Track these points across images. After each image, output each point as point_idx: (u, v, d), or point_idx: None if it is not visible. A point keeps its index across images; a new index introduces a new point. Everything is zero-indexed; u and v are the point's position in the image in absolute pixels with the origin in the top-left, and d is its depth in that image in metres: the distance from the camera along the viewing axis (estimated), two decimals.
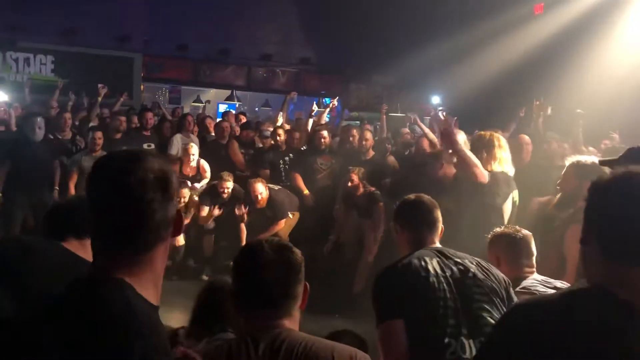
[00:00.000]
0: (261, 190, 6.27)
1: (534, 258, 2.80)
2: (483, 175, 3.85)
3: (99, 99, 7.83)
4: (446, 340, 2.23)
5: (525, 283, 2.64)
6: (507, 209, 3.93)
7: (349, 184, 6.11)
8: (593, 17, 7.71)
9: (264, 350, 1.62)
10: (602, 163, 2.62)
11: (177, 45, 12.26)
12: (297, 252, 1.77)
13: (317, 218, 6.71)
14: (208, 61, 13.12)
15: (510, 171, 4.14)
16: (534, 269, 2.78)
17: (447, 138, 3.97)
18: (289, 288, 1.71)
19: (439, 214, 2.57)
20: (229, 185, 6.49)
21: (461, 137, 5.50)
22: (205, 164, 7.07)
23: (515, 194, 4.02)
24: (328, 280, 6.24)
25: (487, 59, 8.76)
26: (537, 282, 2.64)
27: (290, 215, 6.60)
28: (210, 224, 6.75)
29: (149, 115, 7.70)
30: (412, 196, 2.65)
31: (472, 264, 2.41)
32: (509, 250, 2.76)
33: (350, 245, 6.46)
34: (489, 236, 2.89)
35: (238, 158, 7.34)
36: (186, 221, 6.61)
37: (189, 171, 7.00)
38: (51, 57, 11.57)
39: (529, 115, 6.94)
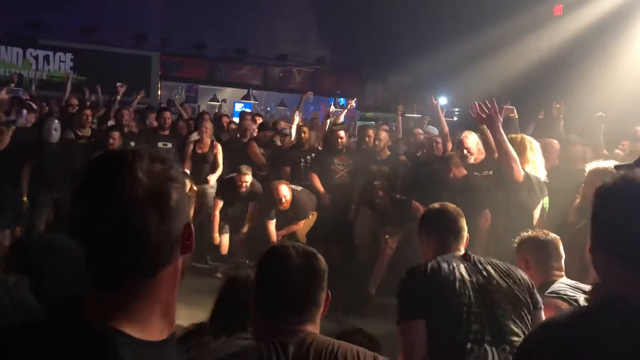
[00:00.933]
0: (285, 192, 6.24)
1: (562, 261, 2.79)
2: (519, 172, 3.75)
3: (118, 97, 7.89)
4: (469, 345, 2.23)
5: (554, 287, 2.62)
6: (536, 215, 3.89)
7: (377, 200, 6.14)
8: (613, 18, 7.62)
9: (294, 354, 1.63)
10: (618, 168, 2.57)
11: (194, 44, 12.36)
12: (322, 259, 1.78)
13: (333, 218, 6.71)
14: (225, 60, 13.20)
15: (543, 175, 4.09)
16: (563, 272, 2.76)
17: (491, 123, 3.80)
18: (314, 294, 1.73)
19: (464, 223, 2.59)
20: (248, 179, 6.43)
21: (473, 138, 5.51)
22: (219, 146, 7.14)
23: (545, 201, 3.98)
24: (343, 280, 6.26)
25: (505, 60, 8.69)
26: (566, 286, 2.62)
27: (310, 216, 6.62)
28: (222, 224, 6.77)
29: (167, 114, 7.72)
30: (436, 205, 2.68)
31: (495, 271, 2.42)
32: (537, 253, 2.76)
33: (366, 247, 6.47)
34: (517, 240, 2.88)
35: (260, 160, 7.31)
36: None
37: (203, 147, 7.06)
38: (70, 55, 11.72)
39: (548, 118, 6.87)
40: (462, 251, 2.54)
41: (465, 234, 2.58)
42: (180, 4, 10.90)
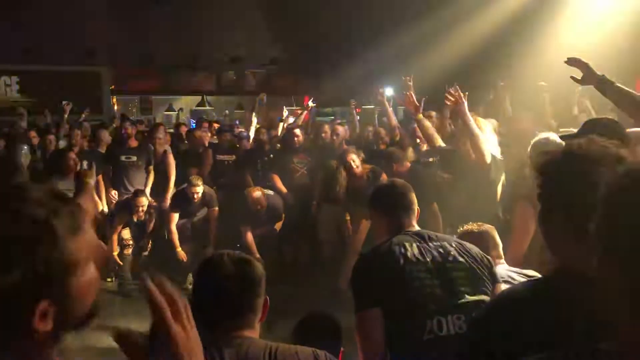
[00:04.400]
0: (260, 200, 6.25)
1: (500, 248, 2.86)
2: (489, 154, 3.91)
3: (65, 116, 7.74)
4: (423, 321, 2.23)
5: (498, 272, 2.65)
6: (499, 191, 4.04)
7: (354, 169, 5.73)
8: None
9: (231, 358, 1.65)
10: (562, 138, 2.64)
11: (143, 55, 12.19)
12: (258, 266, 1.79)
13: (298, 216, 6.71)
14: (176, 69, 13.06)
15: (498, 154, 4.24)
16: (503, 259, 2.83)
17: (458, 108, 4.02)
18: (249, 301, 1.74)
19: (413, 197, 2.56)
20: (199, 189, 6.42)
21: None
22: (171, 157, 7.01)
23: (503, 177, 4.14)
24: (313, 276, 6.28)
25: (450, 43, 8.83)
26: (509, 271, 2.64)
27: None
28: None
29: (126, 125, 7.38)
30: (385, 181, 2.69)
31: (452, 246, 2.39)
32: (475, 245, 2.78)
33: (331, 242, 6.47)
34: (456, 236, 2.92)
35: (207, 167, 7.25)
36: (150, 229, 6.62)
37: (157, 157, 6.98)
38: (16, 78, 11.42)
39: (497, 98, 6.99)
40: (416, 227, 2.51)
41: (416, 208, 2.56)
42: (126, 16, 10.74)
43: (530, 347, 1.13)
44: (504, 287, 2.34)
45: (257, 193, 6.22)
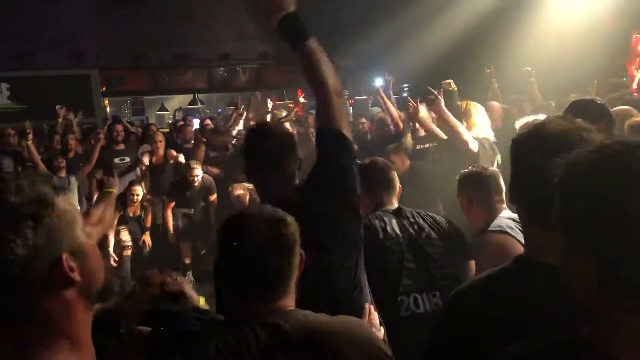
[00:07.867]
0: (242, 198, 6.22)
1: (503, 194, 2.70)
2: (473, 142, 4.01)
3: (59, 120, 7.73)
4: (399, 298, 2.30)
5: (498, 222, 2.48)
6: None
7: None
8: None
9: (266, 343, 1.39)
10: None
11: (133, 56, 12.15)
12: (291, 222, 1.50)
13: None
14: (166, 68, 13.00)
15: (491, 136, 4.31)
16: (505, 205, 2.66)
17: (435, 105, 4.25)
18: (284, 267, 1.47)
19: (394, 175, 2.63)
20: (198, 172, 6.35)
21: (422, 112, 5.60)
22: (174, 153, 7.02)
23: (499, 158, 4.17)
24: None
25: (437, 31, 8.81)
26: (505, 218, 2.49)
27: None
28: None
29: (119, 127, 7.47)
30: (366, 160, 2.71)
31: (426, 222, 2.48)
32: (479, 189, 2.67)
33: None
34: (458, 177, 2.81)
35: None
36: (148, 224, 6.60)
37: (159, 158, 6.97)
38: (6, 84, 11.36)
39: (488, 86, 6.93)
40: (395, 205, 2.57)
41: (397, 185, 2.62)
42: (113, 17, 10.69)
43: (503, 337, 1.08)
44: (507, 242, 2.32)
45: (240, 191, 6.15)
